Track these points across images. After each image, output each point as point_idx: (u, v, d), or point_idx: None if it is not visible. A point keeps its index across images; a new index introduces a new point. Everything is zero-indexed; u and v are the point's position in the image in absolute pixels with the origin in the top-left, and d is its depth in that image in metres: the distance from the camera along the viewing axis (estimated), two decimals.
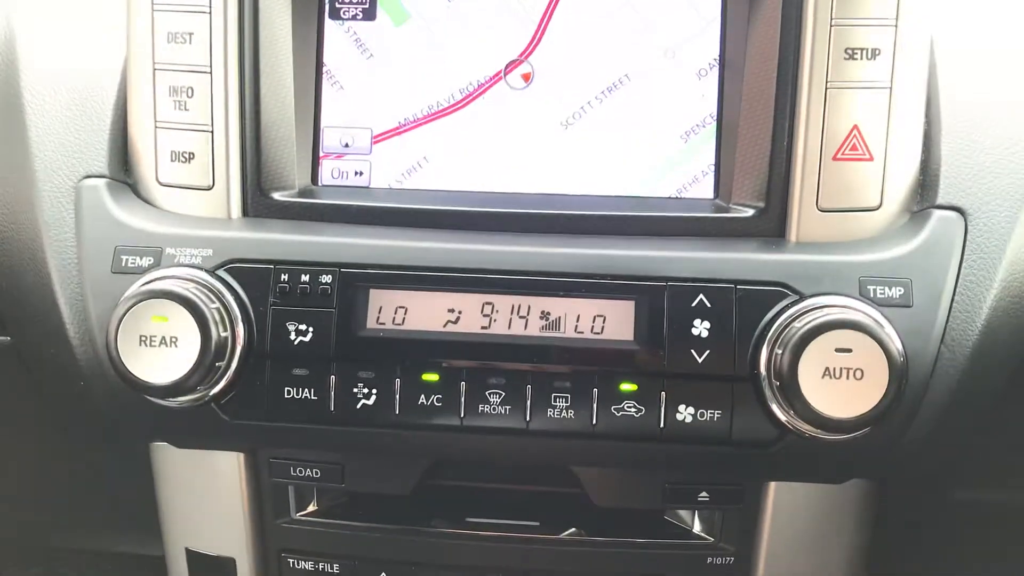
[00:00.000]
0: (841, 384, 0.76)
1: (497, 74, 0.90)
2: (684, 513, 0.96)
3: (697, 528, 0.95)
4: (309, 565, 0.96)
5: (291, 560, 0.96)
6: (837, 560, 0.94)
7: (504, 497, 0.97)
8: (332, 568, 0.95)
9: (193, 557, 0.98)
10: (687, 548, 0.94)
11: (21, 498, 1.23)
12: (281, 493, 0.95)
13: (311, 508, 0.97)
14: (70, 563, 1.44)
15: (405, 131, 0.91)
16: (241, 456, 0.92)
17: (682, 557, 0.93)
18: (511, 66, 0.90)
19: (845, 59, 0.82)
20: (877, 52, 0.82)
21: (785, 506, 0.91)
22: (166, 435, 0.92)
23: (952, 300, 0.81)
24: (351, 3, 0.91)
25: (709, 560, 0.93)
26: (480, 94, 0.91)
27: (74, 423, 1.03)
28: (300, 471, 0.92)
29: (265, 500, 0.95)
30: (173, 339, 0.79)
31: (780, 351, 0.77)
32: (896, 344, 0.77)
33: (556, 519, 0.94)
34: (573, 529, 0.93)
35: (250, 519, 0.95)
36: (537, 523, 0.94)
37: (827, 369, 0.76)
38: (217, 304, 0.80)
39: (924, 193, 0.86)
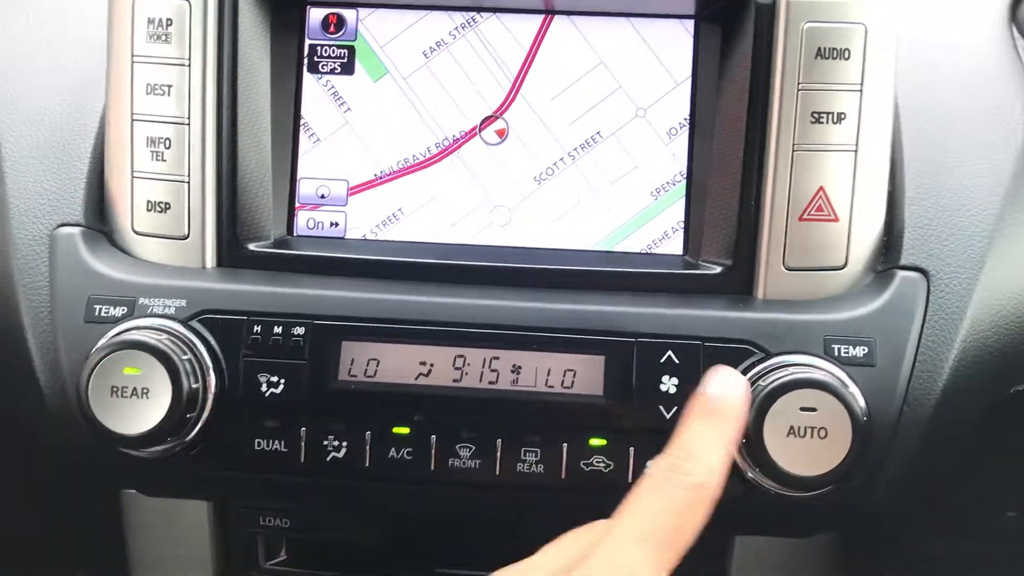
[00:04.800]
0: (806, 443, 0.77)
1: (472, 130, 0.92)
2: None
3: None
4: None
5: None
6: None
7: (475, 547, 0.97)
8: None
9: None
10: None
11: None
12: (250, 542, 0.95)
13: (280, 557, 0.96)
14: None
15: (381, 183, 0.92)
16: (209, 505, 0.92)
17: None
18: (486, 122, 0.92)
19: (812, 122, 0.84)
20: (843, 116, 0.84)
21: (750, 557, 0.92)
22: (135, 484, 0.92)
23: (915, 360, 0.83)
24: (329, 57, 0.92)
25: None
26: (455, 148, 0.92)
27: (38, 468, 1.02)
28: (269, 520, 0.92)
29: (234, 549, 0.94)
30: (145, 390, 0.79)
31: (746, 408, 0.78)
32: (859, 403, 0.78)
33: None
34: None
35: (218, 568, 0.94)
36: None
37: (792, 427, 0.77)
38: (189, 355, 0.80)
39: (888, 253, 0.87)
